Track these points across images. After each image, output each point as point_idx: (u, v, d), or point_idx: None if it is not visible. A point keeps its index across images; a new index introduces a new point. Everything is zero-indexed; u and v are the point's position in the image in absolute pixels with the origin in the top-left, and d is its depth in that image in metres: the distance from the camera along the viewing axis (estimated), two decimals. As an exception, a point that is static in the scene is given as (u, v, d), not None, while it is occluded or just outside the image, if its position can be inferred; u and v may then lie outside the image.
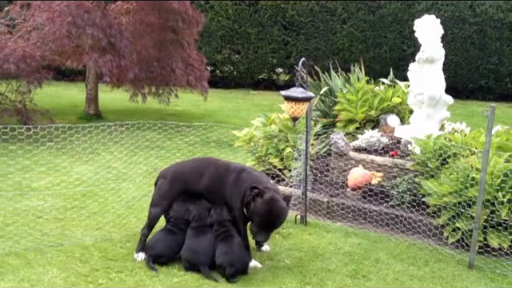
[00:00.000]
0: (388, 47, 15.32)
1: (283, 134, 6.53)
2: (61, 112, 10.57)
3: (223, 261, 4.29)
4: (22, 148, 7.28)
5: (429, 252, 5.02)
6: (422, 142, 5.71)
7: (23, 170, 6.75)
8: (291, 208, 5.86)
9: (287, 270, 4.51)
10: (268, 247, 4.86)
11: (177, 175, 4.70)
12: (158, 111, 11.36)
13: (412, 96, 6.41)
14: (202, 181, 4.61)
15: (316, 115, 7.68)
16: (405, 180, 5.73)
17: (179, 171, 4.75)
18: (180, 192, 4.65)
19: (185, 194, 4.65)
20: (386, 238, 5.32)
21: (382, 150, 6.28)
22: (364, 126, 7.01)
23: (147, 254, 4.46)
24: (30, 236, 4.86)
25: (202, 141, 8.74)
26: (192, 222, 4.55)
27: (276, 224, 4.33)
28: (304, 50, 15.39)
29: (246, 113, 11.82)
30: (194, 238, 4.47)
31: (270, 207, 4.22)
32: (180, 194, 4.65)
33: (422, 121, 6.28)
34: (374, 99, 7.06)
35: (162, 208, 4.64)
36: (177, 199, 4.65)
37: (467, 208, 4.96)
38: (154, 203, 4.69)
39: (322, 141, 6.84)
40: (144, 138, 8.08)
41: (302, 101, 5.08)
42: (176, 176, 4.70)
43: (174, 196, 4.64)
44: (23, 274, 4.17)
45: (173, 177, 4.69)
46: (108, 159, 7.39)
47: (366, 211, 5.64)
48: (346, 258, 4.81)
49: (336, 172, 6.30)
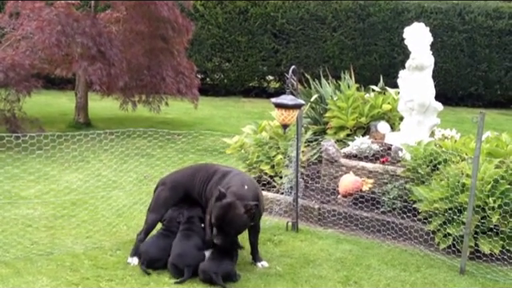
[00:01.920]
0: (378, 55, 15.42)
1: (274, 141, 6.53)
2: (50, 120, 10.50)
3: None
4: (11, 156, 7.22)
5: (420, 258, 5.03)
6: (413, 148, 5.74)
7: (12, 179, 6.68)
8: (282, 215, 5.88)
9: (279, 277, 4.49)
10: (265, 263, 4.71)
11: (176, 183, 4.75)
12: (149, 119, 11.32)
13: (402, 103, 6.44)
14: (196, 186, 4.65)
15: (307, 122, 7.68)
16: (396, 186, 5.74)
17: (178, 178, 4.79)
18: (179, 199, 4.70)
19: (184, 201, 4.67)
20: (377, 244, 5.32)
21: (372, 157, 6.29)
22: (355, 132, 7.03)
23: (141, 259, 4.44)
24: (20, 245, 4.81)
25: (193, 148, 8.71)
26: (181, 225, 4.56)
27: (229, 230, 4.21)
28: (294, 58, 15.44)
29: (236, 120, 11.81)
30: (179, 241, 4.47)
31: (223, 212, 4.17)
32: (179, 201, 4.69)
33: (413, 127, 6.31)
34: (365, 106, 7.09)
35: (161, 215, 4.67)
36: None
37: (458, 214, 4.98)
38: (152, 209, 4.72)
39: (312, 148, 6.84)
40: (134, 145, 8.03)
41: (292, 108, 5.09)
42: (175, 184, 4.74)
43: (172, 203, 4.69)
44: (13, 282, 4.12)
45: (172, 185, 4.74)
46: (98, 167, 7.34)
47: (357, 218, 5.65)
48: (338, 265, 4.80)
49: (327, 179, 6.30)
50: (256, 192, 4.51)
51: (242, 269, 4.61)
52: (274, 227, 5.64)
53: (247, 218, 4.21)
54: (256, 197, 4.43)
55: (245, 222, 4.25)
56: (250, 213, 4.21)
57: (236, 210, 4.16)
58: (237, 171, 4.77)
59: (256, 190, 4.56)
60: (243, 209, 4.17)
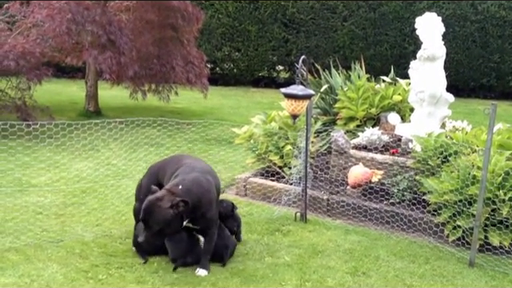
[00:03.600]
0: (389, 45, 15.30)
1: (283, 131, 6.52)
2: (60, 109, 10.56)
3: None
4: (21, 144, 7.27)
5: (429, 250, 5.01)
6: (423, 139, 5.70)
7: (23, 167, 6.73)
8: (291, 205, 5.88)
9: (287, 267, 4.50)
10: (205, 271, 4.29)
11: (152, 171, 4.78)
12: (158, 108, 11.34)
13: (413, 94, 6.40)
14: (166, 176, 4.56)
15: (316, 113, 7.67)
16: (405, 178, 5.71)
17: (155, 167, 4.81)
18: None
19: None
20: (386, 235, 5.31)
21: (382, 148, 6.26)
22: (364, 123, 7.00)
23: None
24: (30, 232, 4.85)
25: (202, 138, 8.72)
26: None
27: (152, 224, 3.97)
28: (304, 48, 15.37)
29: (245, 110, 11.80)
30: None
31: (147, 206, 4.00)
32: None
33: (423, 119, 6.27)
34: (375, 97, 7.05)
35: (141, 201, 4.47)
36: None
37: (468, 206, 4.95)
38: (135, 198, 4.83)
39: (322, 138, 6.83)
40: (144, 135, 8.05)
41: (302, 98, 5.07)
42: (150, 171, 4.79)
43: (148, 191, 4.47)
44: (23, 269, 4.17)
45: (149, 172, 4.80)
46: (107, 156, 7.38)
47: (366, 209, 5.63)
48: (346, 256, 4.80)
49: (336, 170, 6.28)
50: (200, 194, 4.16)
51: (250, 258, 4.63)
52: (283, 217, 5.64)
53: (173, 213, 3.95)
54: (198, 199, 4.11)
55: (169, 218, 3.95)
56: (176, 208, 3.95)
57: (160, 204, 3.96)
58: (197, 170, 4.39)
59: (202, 192, 4.19)
60: (169, 203, 3.95)
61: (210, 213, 4.29)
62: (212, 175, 4.49)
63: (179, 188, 4.12)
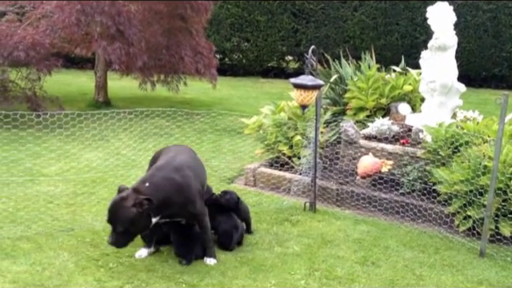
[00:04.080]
0: (400, 35, 15.17)
1: (292, 121, 6.50)
2: (70, 99, 10.60)
3: None
4: (32, 134, 7.31)
5: (439, 240, 4.99)
6: (434, 130, 5.66)
7: (33, 156, 6.78)
8: (300, 195, 5.87)
9: (296, 257, 4.51)
10: (213, 260, 4.31)
11: (152, 158, 4.77)
12: (167, 99, 11.35)
13: (424, 84, 6.35)
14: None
15: (326, 103, 7.63)
16: (415, 168, 5.68)
17: (154, 155, 4.78)
18: None
19: None
20: (395, 225, 5.30)
21: (392, 138, 6.23)
22: (374, 114, 6.96)
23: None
24: (41, 221, 4.89)
25: (211, 128, 8.73)
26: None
27: (116, 224, 3.90)
28: (314, 38, 15.29)
29: (255, 101, 11.78)
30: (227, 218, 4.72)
31: (111, 205, 3.94)
32: None
33: (434, 109, 6.22)
34: (385, 87, 7.00)
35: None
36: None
37: (479, 196, 4.92)
38: None
39: (331, 129, 6.80)
40: (153, 125, 8.08)
41: (311, 88, 5.05)
42: (151, 159, 4.78)
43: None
44: (35, 257, 4.20)
45: (150, 160, 4.78)
46: (117, 146, 7.41)
47: (375, 199, 5.61)
48: (356, 245, 4.79)
49: (346, 160, 6.26)
50: (170, 191, 4.06)
51: (259, 248, 4.64)
52: (292, 207, 5.65)
53: (136, 212, 3.85)
54: (167, 196, 4.03)
55: (133, 217, 3.85)
56: (140, 207, 3.85)
57: (124, 204, 3.87)
58: (173, 164, 4.27)
59: (174, 189, 4.08)
60: (132, 202, 3.86)
61: (194, 207, 4.19)
62: (192, 169, 4.31)
63: (145, 186, 4.01)
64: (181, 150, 4.67)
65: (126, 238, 3.98)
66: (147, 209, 3.90)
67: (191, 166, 4.38)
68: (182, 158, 4.43)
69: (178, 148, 4.84)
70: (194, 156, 4.65)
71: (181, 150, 4.72)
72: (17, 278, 3.88)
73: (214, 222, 4.59)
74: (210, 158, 7.29)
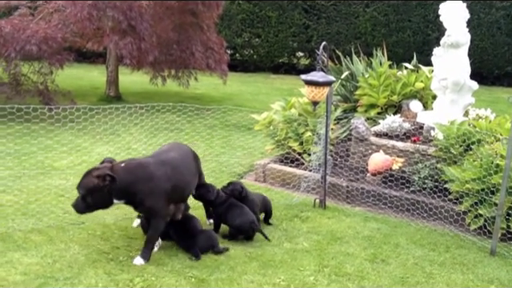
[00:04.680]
0: (412, 31, 15.09)
1: (303, 118, 6.49)
2: (82, 93, 10.66)
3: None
4: (44, 128, 7.36)
5: (450, 238, 4.97)
6: (446, 127, 5.63)
7: (45, 150, 6.82)
8: (310, 192, 5.87)
9: (305, 253, 4.50)
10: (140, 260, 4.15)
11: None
12: (178, 94, 11.37)
13: (436, 81, 6.30)
14: None
15: (336, 100, 7.61)
16: (427, 166, 5.65)
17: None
18: None
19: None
20: (406, 223, 5.28)
21: (403, 136, 6.20)
22: (386, 111, 6.93)
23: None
24: (52, 214, 4.93)
25: (221, 124, 8.74)
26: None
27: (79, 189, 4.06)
28: (325, 34, 15.24)
29: (265, 97, 11.77)
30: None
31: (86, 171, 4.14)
32: None
33: (446, 106, 6.18)
34: (397, 84, 6.97)
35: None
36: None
37: (490, 195, 4.88)
38: None
39: (342, 125, 6.78)
40: (164, 120, 8.09)
41: (322, 85, 5.03)
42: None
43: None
44: (46, 250, 4.24)
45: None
46: (128, 140, 7.43)
47: (386, 196, 5.59)
48: (365, 242, 4.78)
49: (356, 157, 6.24)
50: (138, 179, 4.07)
51: (269, 244, 4.64)
52: (302, 204, 5.64)
53: (96, 184, 3.95)
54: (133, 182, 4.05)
55: (92, 186, 3.97)
56: (102, 181, 3.95)
57: (92, 172, 4.04)
58: (159, 157, 4.36)
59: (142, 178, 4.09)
60: (97, 173, 3.99)
61: (150, 202, 4.13)
62: (173, 167, 4.27)
63: (121, 166, 4.12)
64: (176, 149, 4.64)
65: (84, 206, 4.09)
66: (108, 186, 3.97)
67: (178, 166, 4.34)
68: (172, 154, 4.46)
69: (174, 146, 4.78)
70: (185, 158, 4.53)
71: (177, 148, 4.67)
72: (28, 269, 3.92)
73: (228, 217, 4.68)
74: (220, 154, 7.30)
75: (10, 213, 4.92)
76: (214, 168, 6.66)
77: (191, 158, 4.65)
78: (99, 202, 4.09)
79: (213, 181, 6.04)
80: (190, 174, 4.54)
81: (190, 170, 4.55)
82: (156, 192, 4.15)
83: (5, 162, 6.36)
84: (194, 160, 4.69)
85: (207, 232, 4.53)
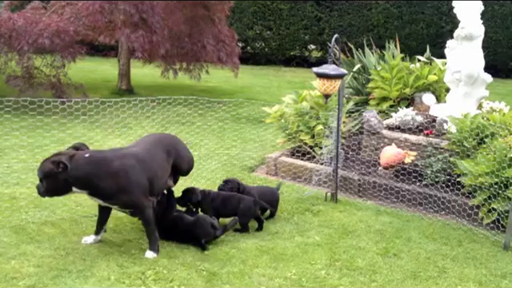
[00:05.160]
0: (425, 24, 14.94)
1: (314, 111, 6.46)
2: (94, 87, 10.71)
3: None
4: (56, 121, 7.41)
5: (463, 232, 4.93)
6: (459, 120, 5.57)
7: (58, 143, 6.86)
8: (321, 185, 5.85)
9: (317, 247, 4.50)
10: (152, 253, 4.18)
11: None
12: (189, 87, 11.38)
13: (449, 74, 6.24)
14: None
15: (348, 93, 7.57)
16: (439, 159, 5.61)
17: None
18: None
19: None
20: (418, 217, 5.25)
21: (416, 129, 6.16)
22: (398, 104, 6.89)
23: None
24: (65, 206, 4.96)
25: (233, 117, 8.73)
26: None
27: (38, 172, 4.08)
28: (337, 27, 15.16)
29: (276, 89, 11.75)
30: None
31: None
32: None
33: (459, 99, 6.12)
34: (409, 77, 6.92)
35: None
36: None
37: (504, 189, 4.83)
38: None
39: (354, 118, 6.75)
40: (175, 113, 8.11)
41: (334, 78, 5.00)
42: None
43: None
44: (59, 242, 4.27)
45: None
46: (140, 133, 7.45)
47: (398, 190, 5.56)
48: (377, 236, 4.76)
49: (368, 150, 6.21)
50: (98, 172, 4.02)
51: (280, 237, 4.64)
52: (313, 197, 5.63)
53: (49, 169, 3.96)
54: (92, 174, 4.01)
55: (46, 171, 3.99)
56: (56, 167, 3.94)
57: (50, 157, 4.03)
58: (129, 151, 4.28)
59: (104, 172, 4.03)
60: (53, 159, 4.00)
61: (129, 197, 4.09)
62: (143, 161, 4.19)
63: (84, 156, 4.08)
64: (152, 140, 4.54)
65: (43, 190, 4.08)
66: (61, 173, 3.96)
67: (145, 158, 4.23)
68: (140, 147, 4.36)
69: (151, 138, 4.67)
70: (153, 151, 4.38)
71: (155, 139, 4.58)
72: (41, 262, 3.95)
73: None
74: (232, 147, 7.30)
75: (23, 205, 4.97)
76: (226, 161, 6.66)
77: (161, 151, 4.43)
78: (56, 188, 4.07)
79: (224, 174, 6.07)
80: (157, 166, 4.33)
81: (157, 163, 4.34)
82: (125, 187, 4.07)
83: (18, 154, 6.41)
84: (165, 153, 4.45)
85: (201, 220, 4.48)
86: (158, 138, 4.72)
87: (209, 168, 6.26)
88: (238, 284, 3.83)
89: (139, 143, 4.52)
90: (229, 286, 3.80)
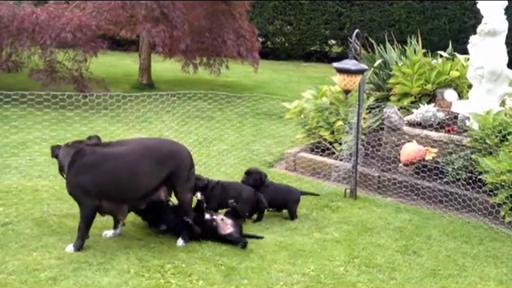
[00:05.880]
0: (447, 19, 14.73)
1: (334, 106, 6.43)
2: (115, 81, 10.79)
3: None
4: (78, 115, 7.50)
5: (484, 231, 4.87)
6: (481, 117, 5.50)
7: (80, 136, 6.88)
8: (340, 181, 5.83)
9: (335, 243, 4.48)
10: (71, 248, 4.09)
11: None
12: (209, 82, 11.41)
13: (472, 70, 6.16)
14: None
15: (369, 88, 7.52)
16: (461, 156, 5.54)
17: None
18: None
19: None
20: (438, 214, 5.19)
21: (437, 126, 6.09)
22: (419, 100, 6.82)
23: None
24: (86, 200, 5.01)
25: (252, 112, 8.74)
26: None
27: None
28: (358, 22, 15.03)
29: (296, 85, 11.71)
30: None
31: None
32: None
33: (482, 96, 6.04)
34: (431, 73, 6.84)
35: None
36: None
37: (527, 187, 4.76)
38: None
39: (374, 115, 6.70)
40: (195, 107, 8.14)
41: (354, 73, 4.97)
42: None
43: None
44: (79, 235, 4.32)
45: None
46: (160, 128, 7.49)
47: (418, 187, 5.51)
48: (397, 234, 4.73)
49: (388, 147, 6.16)
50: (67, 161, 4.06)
51: (299, 233, 4.64)
52: (332, 193, 5.61)
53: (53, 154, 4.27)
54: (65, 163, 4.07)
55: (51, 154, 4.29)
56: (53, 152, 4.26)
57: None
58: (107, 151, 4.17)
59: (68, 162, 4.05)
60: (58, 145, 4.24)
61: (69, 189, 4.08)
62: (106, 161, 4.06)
63: (80, 145, 4.15)
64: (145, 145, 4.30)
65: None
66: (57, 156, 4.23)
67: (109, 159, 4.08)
68: (123, 149, 4.19)
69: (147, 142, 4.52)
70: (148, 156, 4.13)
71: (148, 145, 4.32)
72: (62, 254, 4.01)
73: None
74: (251, 142, 7.31)
75: (45, 198, 5.04)
76: (245, 156, 6.67)
77: (148, 159, 4.13)
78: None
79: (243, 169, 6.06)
80: (128, 173, 4.07)
81: (136, 171, 4.08)
82: (72, 181, 4.04)
83: (41, 147, 6.51)
84: (155, 162, 4.13)
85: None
86: (154, 144, 4.41)
87: (228, 163, 6.28)
88: (256, 279, 3.84)
89: (129, 144, 4.30)
90: (247, 281, 3.82)
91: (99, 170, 4.03)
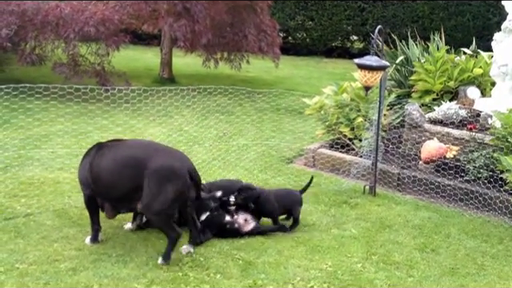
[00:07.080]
0: (471, 15, 14.51)
1: (355, 103, 6.39)
2: (136, 75, 10.88)
3: None
4: (100, 108, 7.59)
5: (504, 230, 4.81)
6: (504, 115, 5.41)
7: (101, 129, 7.03)
8: (359, 178, 5.81)
9: (353, 240, 4.47)
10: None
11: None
12: (230, 77, 11.44)
13: (495, 67, 6.07)
14: None
15: (390, 85, 7.45)
16: (482, 155, 5.47)
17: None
18: None
19: None
20: (458, 213, 5.14)
21: (459, 123, 6.02)
22: (441, 97, 6.75)
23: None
24: (106, 192, 5.07)
25: (272, 107, 8.74)
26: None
27: None
28: (381, 17, 14.89)
29: (317, 81, 11.66)
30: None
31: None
32: None
33: (505, 94, 5.95)
34: (454, 70, 6.76)
35: None
36: None
37: (550, 187, 4.68)
38: None
39: (395, 111, 6.64)
40: (215, 102, 8.18)
41: (376, 69, 4.94)
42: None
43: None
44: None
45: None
46: (180, 122, 7.56)
47: (438, 185, 5.46)
48: (415, 231, 4.70)
49: (409, 144, 6.11)
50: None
51: (317, 229, 4.64)
52: (351, 190, 5.59)
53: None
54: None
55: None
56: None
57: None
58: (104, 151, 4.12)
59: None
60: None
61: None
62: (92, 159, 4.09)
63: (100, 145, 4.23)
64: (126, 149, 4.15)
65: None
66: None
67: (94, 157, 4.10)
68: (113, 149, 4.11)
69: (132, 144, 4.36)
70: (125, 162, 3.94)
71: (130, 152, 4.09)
72: (82, 245, 4.08)
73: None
74: (270, 138, 7.32)
75: (66, 190, 5.13)
76: (264, 152, 6.68)
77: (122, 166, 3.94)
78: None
79: (262, 165, 6.11)
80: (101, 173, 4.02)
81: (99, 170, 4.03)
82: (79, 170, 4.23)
83: (63, 140, 6.61)
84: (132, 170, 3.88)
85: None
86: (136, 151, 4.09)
87: (247, 158, 6.30)
88: (274, 274, 3.86)
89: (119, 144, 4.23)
90: (264, 275, 3.84)
91: (91, 162, 4.11)
